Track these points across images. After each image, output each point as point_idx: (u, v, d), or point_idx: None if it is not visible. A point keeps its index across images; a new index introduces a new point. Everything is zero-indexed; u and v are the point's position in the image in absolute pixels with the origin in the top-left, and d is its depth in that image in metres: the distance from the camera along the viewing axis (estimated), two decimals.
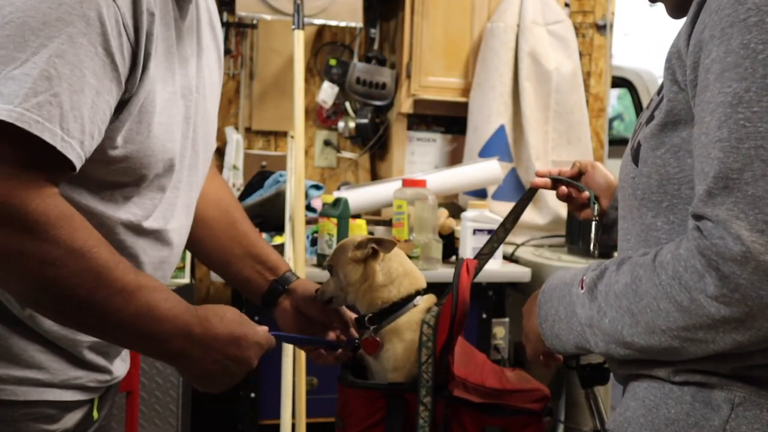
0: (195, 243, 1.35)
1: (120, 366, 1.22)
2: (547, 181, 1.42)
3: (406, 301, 1.30)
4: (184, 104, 1.12)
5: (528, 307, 1.15)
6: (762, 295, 0.81)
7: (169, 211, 1.15)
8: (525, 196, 1.44)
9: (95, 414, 1.18)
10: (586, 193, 1.38)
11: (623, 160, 1.09)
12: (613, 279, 0.95)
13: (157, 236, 1.13)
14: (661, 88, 1.03)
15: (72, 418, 1.12)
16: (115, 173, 1.04)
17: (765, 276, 0.81)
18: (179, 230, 1.19)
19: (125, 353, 1.25)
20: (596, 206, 1.35)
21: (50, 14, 0.90)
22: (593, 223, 1.35)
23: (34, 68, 0.89)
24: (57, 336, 1.08)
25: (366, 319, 1.30)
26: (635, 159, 1.02)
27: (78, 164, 0.94)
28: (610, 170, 1.42)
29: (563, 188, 1.41)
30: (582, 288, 0.99)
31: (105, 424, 1.24)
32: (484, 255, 1.41)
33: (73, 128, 0.92)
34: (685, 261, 0.85)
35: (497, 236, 1.43)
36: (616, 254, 1.13)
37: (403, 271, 1.32)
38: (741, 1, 0.85)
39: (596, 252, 1.36)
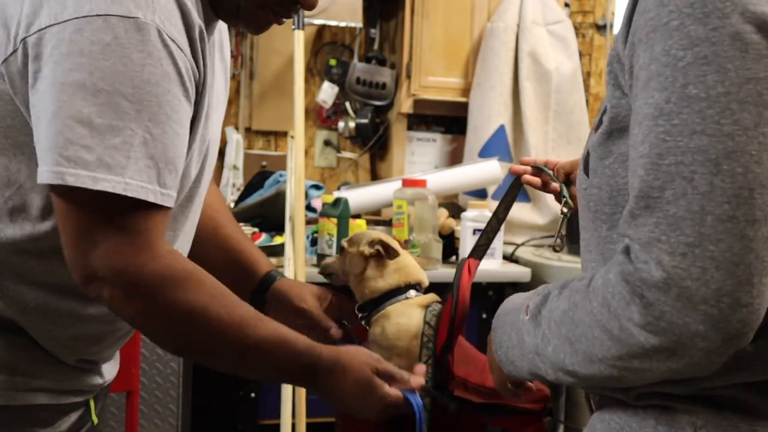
0: None
1: (110, 370, 1.23)
2: (528, 168, 1.40)
3: (394, 293, 1.31)
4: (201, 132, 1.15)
5: (490, 336, 1.09)
6: (688, 322, 0.75)
7: (185, 243, 1.19)
8: (513, 183, 1.43)
9: (95, 418, 1.19)
10: (555, 185, 1.36)
11: (579, 169, 1.02)
12: (554, 305, 0.89)
13: None
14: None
15: (66, 422, 1.12)
16: None
17: (689, 303, 0.74)
18: (184, 253, 1.21)
19: (115, 357, 1.25)
20: (565, 200, 1.33)
21: (137, 77, 0.93)
22: (561, 218, 1.34)
23: (133, 136, 0.94)
24: (46, 345, 1.09)
25: (356, 307, 1.33)
26: (585, 169, 0.95)
27: (174, 204, 1.01)
28: None
29: (527, 177, 1.39)
30: (527, 314, 0.93)
31: (97, 424, 1.24)
32: (480, 246, 1.41)
33: (169, 180, 0.98)
34: (613, 287, 0.79)
35: (491, 226, 1.43)
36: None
37: (395, 267, 1.33)
38: (664, 2, 0.78)
39: (562, 248, 1.37)
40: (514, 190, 1.43)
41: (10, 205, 1.01)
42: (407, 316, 1.28)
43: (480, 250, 1.40)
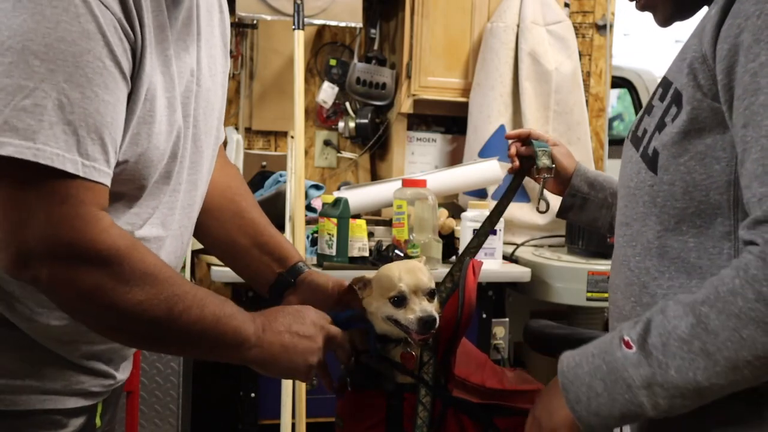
0: (202, 233, 1.31)
1: (125, 369, 1.20)
2: (518, 144, 1.51)
3: None
4: (183, 103, 1.08)
5: (544, 407, 1.07)
6: None
7: (169, 217, 1.11)
8: (510, 187, 1.49)
9: (98, 421, 1.16)
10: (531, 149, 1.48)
11: (629, 168, 1.08)
12: (668, 326, 0.91)
13: (153, 243, 1.09)
14: (664, 93, 1.03)
15: (75, 423, 1.10)
16: (114, 184, 1.00)
17: None
18: (180, 234, 1.16)
19: (129, 357, 1.21)
20: (537, 165, 1.45)
21: (50, 35, 0.86)
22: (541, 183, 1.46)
23: (46, 98, 0.87)
24: (56, 346, 1.06)
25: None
26: (653, 167, 1.01)
27: (107, 180, 0.94)
28: (607, 170, 1.48)
29: (513, 150, 1.50)
30: (630, 347, 0.93)
31: (109, 429, 1.22)
32: (471, 249, 1.43)
33: (93, 150, 0.91)
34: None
35: (483, 230, 1.45)
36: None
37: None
38: None
39: (547, 209, 1.46)
40: (511, 194, 1.48)
41: None
42: None
43: (471, 252, 1.42)
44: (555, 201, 1.49)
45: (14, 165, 0.87)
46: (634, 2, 1.14)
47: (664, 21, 1.12)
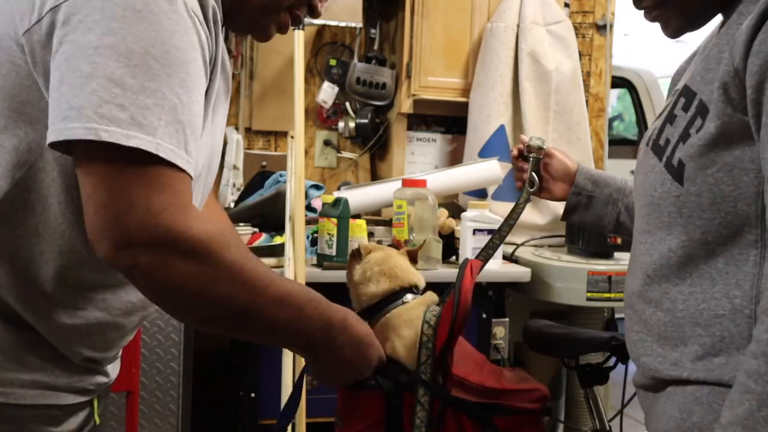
0: None
1: (113, 369, 1.24)
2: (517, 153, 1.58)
3: (391, 298, 1.31)
4: (208, 135, 1.14)
5: None
6: None
7: None
8: (520, 201, 1.50)
9: (97, 418, 1.19)
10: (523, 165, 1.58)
11: (652, 177, 1.08)
12: None
13: None
14: (688, 103, 1.03)
15: (74, 421, 1.13)
16: None
17: None
18: None
19: (118, 356, 1.25)
20: (528, 144, 1.56)
21: (167, 42, 0.95)
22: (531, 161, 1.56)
23: (164, 99, 0.94)
24: (63, 345, 1.09)
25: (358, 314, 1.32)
26: (678, 178, 1.02)
27: (195, 174, 1.02)
28: (607, 169, 1.49)
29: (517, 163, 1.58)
30: None
31: (100, 424, 1.25)
32: (482, 257, 1.43)
33: (192, 149, 0.99)
34: None
35: (498, 235, 1.46)
36: (620, 256, 1.14)
37: (379, 270, 1.35)
38: None
39: (534, 185, 1.56)
40: (522, 206, 1.56)
41: (20, 187, 1.01)
42: (412, 327, 1.28)
43: (483, 257, 1.43)
44: (557, 206, 1.50)
45: (130, 156, 0.92)
46: (644, 13, 1.14)
47: (674, 33, 1.12)
